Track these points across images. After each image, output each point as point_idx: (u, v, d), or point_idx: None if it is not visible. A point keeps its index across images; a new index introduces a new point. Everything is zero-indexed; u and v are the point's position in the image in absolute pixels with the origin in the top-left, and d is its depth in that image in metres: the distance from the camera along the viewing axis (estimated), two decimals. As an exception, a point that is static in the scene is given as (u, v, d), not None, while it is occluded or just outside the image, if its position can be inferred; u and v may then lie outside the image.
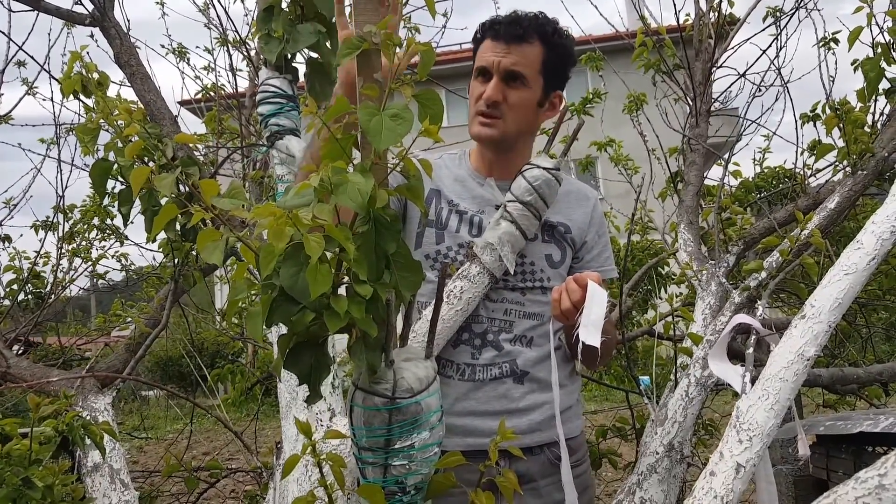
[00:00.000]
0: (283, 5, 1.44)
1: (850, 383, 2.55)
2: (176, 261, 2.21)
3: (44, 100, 3.05)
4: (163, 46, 3.50)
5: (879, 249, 1.21)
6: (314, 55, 1.49)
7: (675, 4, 2.75)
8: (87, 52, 1.69)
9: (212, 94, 3.35)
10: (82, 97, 1.71)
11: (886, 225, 1.23)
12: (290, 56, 1.51)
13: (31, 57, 2.74)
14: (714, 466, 1.14)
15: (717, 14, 2.69)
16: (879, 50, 2.07)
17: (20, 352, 3.06)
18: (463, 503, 1.00)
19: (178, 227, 1.67)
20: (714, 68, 2.68)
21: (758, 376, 1.21)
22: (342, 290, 0.83)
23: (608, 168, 4.14)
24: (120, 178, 1.71)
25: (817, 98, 2.60)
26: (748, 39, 2.87)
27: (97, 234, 3.31)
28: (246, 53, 3.00)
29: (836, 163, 2.31)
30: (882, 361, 3.06)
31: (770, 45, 2.85)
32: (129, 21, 2.54)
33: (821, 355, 1.21)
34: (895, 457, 0.95)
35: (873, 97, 2.15)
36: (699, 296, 2.01)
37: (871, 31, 2.09)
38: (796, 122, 2.76)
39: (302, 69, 1.53)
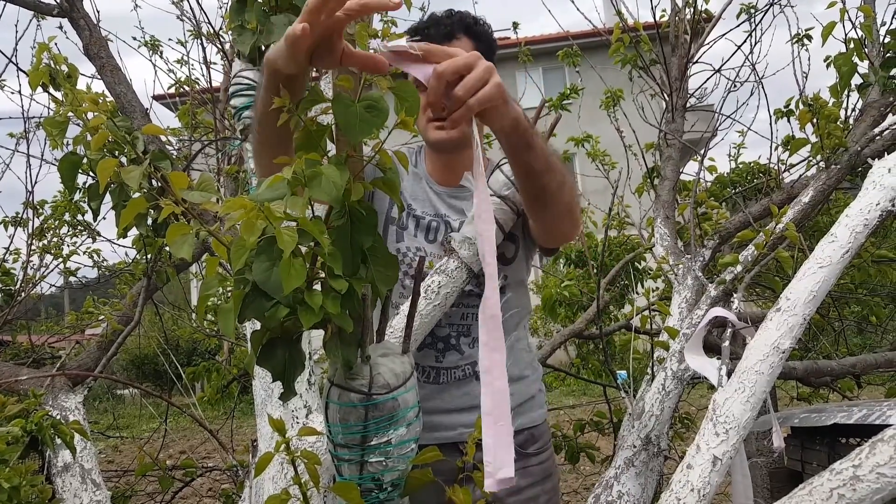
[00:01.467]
0: (257, -4, 1.41)
1: (823, 376, 2.59)
2: (149, 257, 2.17)
3: (12, 93, 2.97)
4: (135, 38, 3.43)
5: (853, 242, 1.22)
6: (289, 47, 1.46)
7: (651, 1, 2.76)
8: (56, 44, 1.65)
9: (185, 87, 3.29)
10: (51, 90, 1.67)
11: (860, 218, 1.25)
12: (263, 48, 1.47)
13: (-2, 49, 2.66)
14: (691, 459, 1.15)
15: (692, 10, 2.70)
16: (852, 45, 2.10)
17: (-11, 351, 2.99)
18: (437, 491, 0.99)
19: (150, 222, 1.64)
20: (690, 64, 2.70)
21: (734, 369, 1.22)
22: (317, 285, 0.81)
23: (585, 164, 4.16)
24: (91, 173, 1.67)
25: (791, 94, 2.64)
26: (723, 35, 2.90)
27: (68, 231, 3.24)
28: (220, 46, 2.95)
29: (810, 157, 2.33)
30: (854, 354, 3.11)
31: (745, 42, 2.88)
32: (98, 13, 2.49)
33: (795, 348, 1.22)
34: (869, 448, 0.96)
35: (846, 92, 2.18)
36: (675, 290, 2.02)
37: (843, 26, 2.12)
38: (770, 117, 2.79)
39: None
